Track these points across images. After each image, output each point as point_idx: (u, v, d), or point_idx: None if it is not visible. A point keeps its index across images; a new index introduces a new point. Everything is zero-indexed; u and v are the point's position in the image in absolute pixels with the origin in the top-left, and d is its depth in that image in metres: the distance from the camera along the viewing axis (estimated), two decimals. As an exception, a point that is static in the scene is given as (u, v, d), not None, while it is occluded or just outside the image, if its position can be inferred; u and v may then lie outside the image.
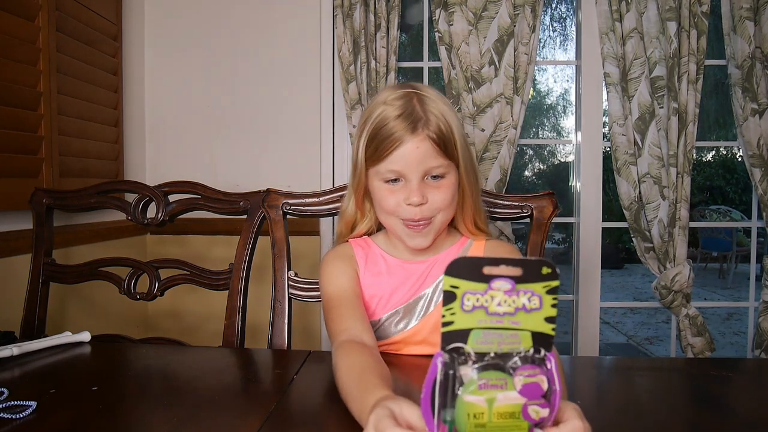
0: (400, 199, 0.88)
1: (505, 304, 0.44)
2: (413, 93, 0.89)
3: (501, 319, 0.44)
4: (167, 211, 1.23)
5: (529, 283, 0.44)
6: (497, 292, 0.44)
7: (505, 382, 0.44)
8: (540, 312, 0.44)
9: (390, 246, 0.98)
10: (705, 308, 2.37)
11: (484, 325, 0.44)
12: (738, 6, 1.83)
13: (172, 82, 2.11)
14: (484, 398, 0.44)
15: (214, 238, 2.04)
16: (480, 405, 0.44)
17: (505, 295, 0.44)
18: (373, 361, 0.72)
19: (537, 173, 9.94)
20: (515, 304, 0.44)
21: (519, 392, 0.44)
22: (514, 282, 0.44)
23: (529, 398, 0.44)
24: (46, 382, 0.80)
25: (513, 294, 0.44)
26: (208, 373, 0.87)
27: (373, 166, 0.89)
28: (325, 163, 2.06)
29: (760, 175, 1.89)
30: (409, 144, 0.85)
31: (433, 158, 0.86)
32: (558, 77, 9.51)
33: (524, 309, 0.44)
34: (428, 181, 0.88)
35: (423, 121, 0.86)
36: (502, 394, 0.44)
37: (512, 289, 0.44)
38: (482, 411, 0.44)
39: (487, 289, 0.44)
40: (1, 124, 1.39)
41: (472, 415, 0.44)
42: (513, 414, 0.44)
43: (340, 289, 0.92)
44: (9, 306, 1.40)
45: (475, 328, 0.44)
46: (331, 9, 1.96)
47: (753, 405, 0.75)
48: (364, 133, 0.89)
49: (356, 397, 0.64)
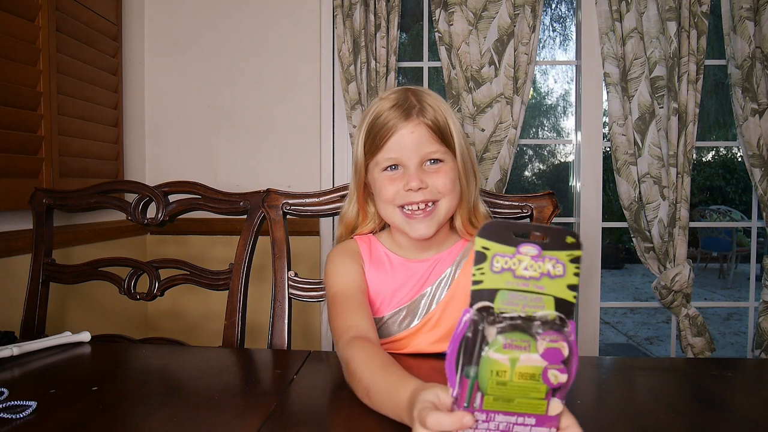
0: (400, 187, 0.89)
1: (531, 268, 0.46)
2: (409, 89, 0.92)
3: (527, 283, 0.46)
4: (167, 211, 1.23)
5: (555, 251, 0.46)
6: (525, 256, 0.46)
7: (529, 344, 0.46)
8: (563, 279, 0.47)
9: (393, 245, 0.98)
10: (705, 308, 2.37)
11: (511, 287, 0.46)
12: (738, 6, 1.83)
13: (172, 82, 2.11)
14: (507, 357, 0.46)
15: (214, 238, 2.04)
16: (503, 363, 0.46)
17: (531, 260, 0.46)
18: (389, 356, 0.73)
19: (537, 173, 9.93)
20: (541, 269, 0.46)
21: (541, 355, 0.46)
22: (541, 248, 0.46)
23: (550, 362, 0.46)
24: (46, 382, 0.80)
25: (539, 260, 0.46)
26: (208, 373, 0.87)
27: (372, 158, 0.91)
28: (325, 163, 2.06)
29: (760, 175, 1.89)
30: (403, 130, 0.88)
31: (429, 143, 0.88)
32: (558, 77, 9.50)
33: (549, 275, 0.46)
34: (427, 167, 0.89)
35: (417, 109, 0.88)
36: (525, 355, 0.46)
37: (539, 255, 0.46)
38: (505, 369, 0.46)
39: (516, 252, 0.46)
40: (1, 124, 1.39)
41: (495, 372, 0.46)
42: (533, 376, 0.46)
43: (347, 285, 0.92)
44: (9, 306, 1.40)
45: (502, 289, 0.47)
46: (331, 9, 1.96)
47: (753, 405, 0.75)
48: (362, 130, 0.92)
49: (385, 391, 0.64)
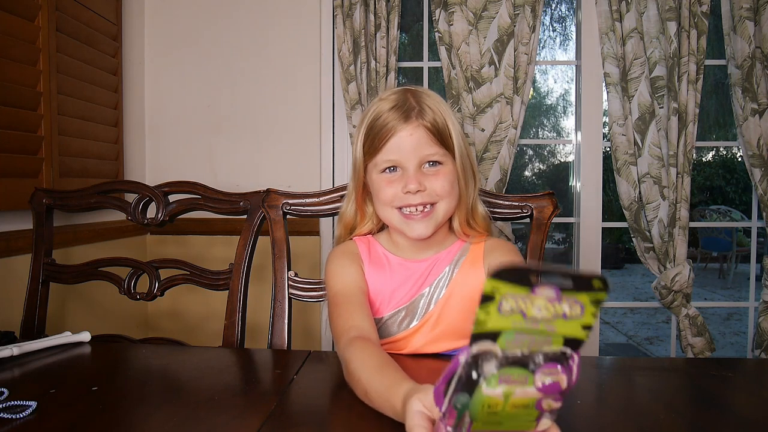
0: (398, 189, 0.89)
1: (545, 309, 0.41)
2: (408, 90, 0.92)
3: (537, 323, 0.41)
4: (167, 211, 1.23)
5: (577, 292, 0.41)
6: (539, 297, 0.41)
7: (526, 378, 0.43)
8: (579, 320, 0.42)
9: (392, 245, 0.98)
10: (705, 308, 2.37)
11: (518, 327, 0.42)
12: (738, 6, 1.83)
13: (172, 81, 2.11)
14: (501, 392, 0.43)
15: (214, 238, 2.04)
16: (497, 398, 0.43)
17: (547, 301, 0.41)
18: (388, 357, 0.73)
19: (537, 173, 9.93)
20: (556, 311, 0.41)
21: (538, 389, 0.44)
22: (560, 290, 0.41)
23: (546, 393, 0.44)
24: (46, 382, 0.80)
25: (555, 301, 0.41)
26: (208, 373, 0.87)
27: (371, 160, 0.91)
28: (325, 163, 2.06)
29: (760, 175, 1.89)
30: (402, 132, 0.88)
31: (428, 145, 0.88)
32: (558, 77, 9.51)
33: (563, 316, 0.41)
34: (425, 170, 0.89)
35: (416, 111, 0.88)
36: (521, 389, 0.43)
37: (556, 297, 0.41)
38: (498, 402, 0.44)
39: (530, 293, 0.40)
40: (1, 124, 1.39)
41: (487, 405, 0.44)
42: (527, 405, 0.45)
43: (347, 285, 0.92)
44: (9, 306, 1.40)
45: (507, 330, 0.42)
46: (331, 9, 1.96)
47: (753, 405, 0.75)
48: (361, 131, 0.92)
49: (381, 393, 0.65)
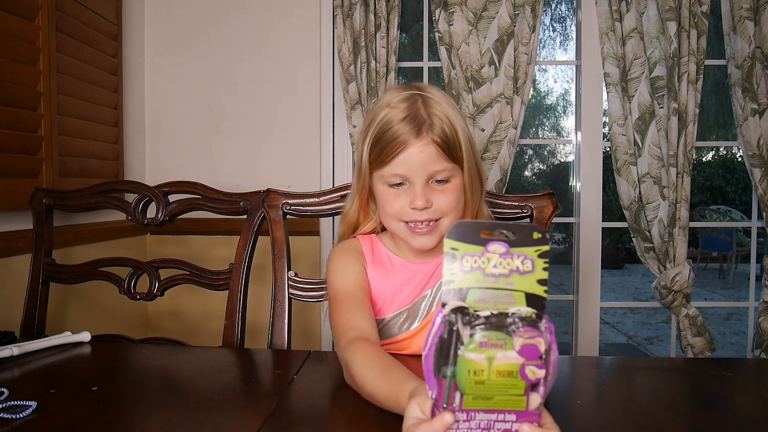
0: (405, 204, 0.87)
1: (500, 266, 0.47)
2: (417, 95, 0.88)
3: (497, 280, 0.47)
4: (167, 211, 1.23)
5: (522, 247, 0.47)
6: (493, 254, 0.47)
7: (505, 342, 0.46)
8: (533, 274, 0.47)
9: (395, 246, 0.98)
10: (705, 308, 2.37)
11: (481, 285, 0.47)
12: (738, 6, 1.83)
13: (172, 82, 2.11)
14: (484, 356, 0.46)
15: (214, 238, 2.04)
16: (480, 362, 0.46)
17: (500, 257, 0.47)
18: (390, 356, 0.73)
19: (537, 173, 9.94)
20: (510, 266, 0.47)
21: (518, 352, 0.46)
22: (509, 246, 0.47)
23: (527, 359, 0.46)
24: (46, 382, 0.80)
25: (507, 257, 0.47)
26: (208, 373, 0.87)
27: (377, 170, 0.89)
28: (325, 163, 2.06)
29: (760, 175, 1.89)
30: (412, 148, 0.85)
31: (437, 162, 0.86)
32: (558, 77, 9.51)
33: (518, 271, 0.47)
34: (433, 185, 0.87)
35: (427, 125, 0.85)
36: (502, 353, 0.46)
37: (506, 252, 0.47)
38: (482, 368, 0.46)
39: (484, 251, 0.47)
40: (1, 124, 1.39)
41: (473, 371, 0.46)
42: (511, 373, 0.46)
43: (349, 284, 0.91)
44: (9, 306, 1.40)
45: (473, 288, 0.47)
46: (331, 9, 1.96)
47: (753, 405, 0.75)
48: (369, 136, 0.89)
49: (389, 397, 0.65)
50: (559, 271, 7.70)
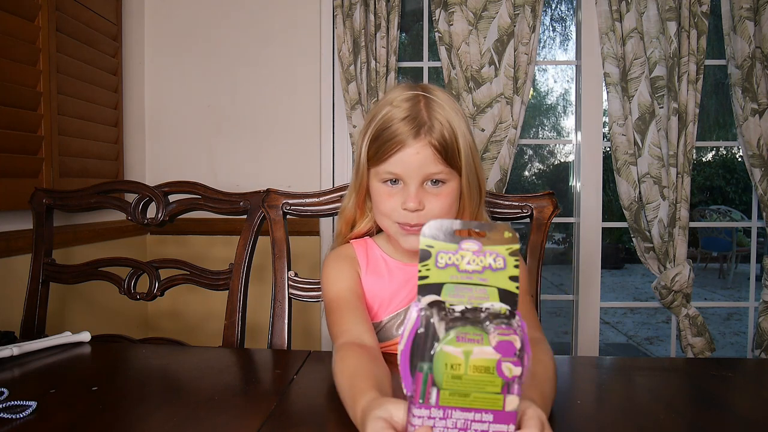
0: (397, 203, 0.87)
1: (473, 262, 0.50)
2: (421, 96, 0.87)
3: (470, 276, 0.50)
4: (167, 211, 1.23)
5: (494, 245, 0.50)
6: (467, 252, 0.50)
7: (481, 337, 0.47)
8: (504, 271, 0.50)
9: (390, 248, 0.98)
10: (705, 308, 2.38)
11: (455, 281, 0.50)
12: (738, 6, 1.83)
13: (172, 82, 2.11)
14: (461, 350, 0.47)
15: (214, 238, 2.04)
16: (457, 356, 0.47)
17: (473, 255, 0.50)
18: (367, 362, 0.71)
19: (537, 173, 9.95)
20: (482, 263, 0.50)
21: (494, 348, 0.47)
22: (481, 244, 0.50)
23: (504, 355, 0.47)
24: (46, 382, 0.80)
25: (480, 254, 0.50)
26: (208, 373, 0.87)
27: (374, 167, 0.88)
28: (325, 163, 2.06)
29: (760, 175, 1.89)
30: (409, 149, 0.84)
31: (432, 165, 0.85)
32: (558, 77, 9.52)
33: (491, 268, 0.50)
34: (428, 187, 0.87)
35: (426, 127, 0.84)
36: (479, 348, 0.47)
37: (479, 250, 0.50)
38: (459, 362, 0.47)
39: (458, 249, 0.50)
40: (1, 124, 1.39)
41: (450, 365, 0.47)
42: (488, 369, 0.47)
43: (341, 291, 0.91)
44: (9, 306, 1.40)
45: (447, 283, 0.50)
46: (331, 9, 1.96)
47: (753, 405, 0.75)
48: (368, 133, 0.88)
49: (349, 404, 0.64)
50: (559, 271, 7.70)
